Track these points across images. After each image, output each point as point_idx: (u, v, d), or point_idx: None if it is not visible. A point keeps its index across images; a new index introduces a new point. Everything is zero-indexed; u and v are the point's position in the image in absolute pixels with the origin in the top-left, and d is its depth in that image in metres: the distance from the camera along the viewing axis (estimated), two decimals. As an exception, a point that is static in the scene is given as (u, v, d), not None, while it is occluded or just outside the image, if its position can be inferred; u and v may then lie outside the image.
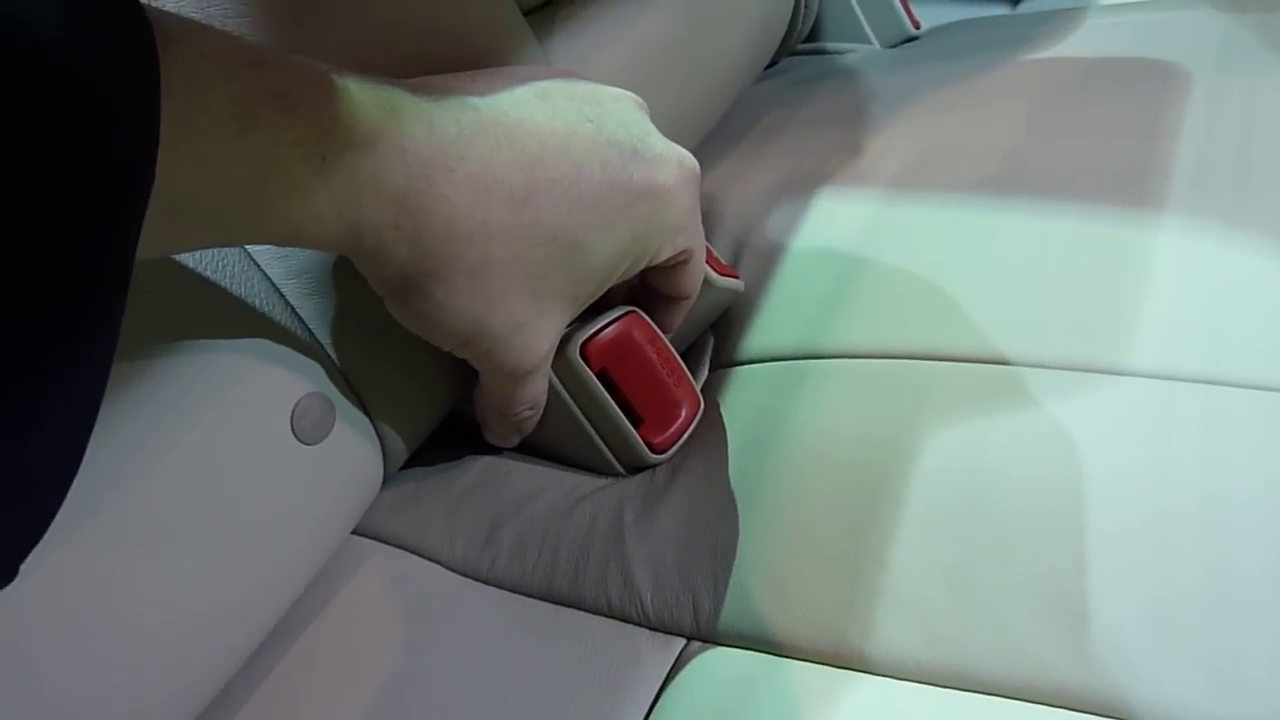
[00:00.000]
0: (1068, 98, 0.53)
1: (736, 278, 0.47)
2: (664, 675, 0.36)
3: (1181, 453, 0.34)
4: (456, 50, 0.40)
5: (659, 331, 0.43)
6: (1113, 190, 0.45)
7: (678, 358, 0.44)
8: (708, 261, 0.45)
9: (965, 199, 0.48)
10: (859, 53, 0.72)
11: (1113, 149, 0.48)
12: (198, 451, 0.35)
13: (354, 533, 0.46)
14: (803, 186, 0.54)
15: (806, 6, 0.66)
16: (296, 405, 0.37)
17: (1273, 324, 0.37)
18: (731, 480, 0.41)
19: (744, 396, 0.44)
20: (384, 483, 0.44)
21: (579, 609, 0.40)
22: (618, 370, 0.42)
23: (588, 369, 0.41)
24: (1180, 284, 0.39)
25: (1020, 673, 0.31)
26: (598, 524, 0.42)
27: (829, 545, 0.36)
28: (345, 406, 0.39)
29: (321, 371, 0.38)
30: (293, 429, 0.37)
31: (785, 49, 0.69)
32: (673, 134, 0.54)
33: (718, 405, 0.44)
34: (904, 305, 0.43)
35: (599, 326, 0.41)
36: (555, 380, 0.42)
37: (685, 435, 0.43)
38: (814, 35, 0.73)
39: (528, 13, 0.44)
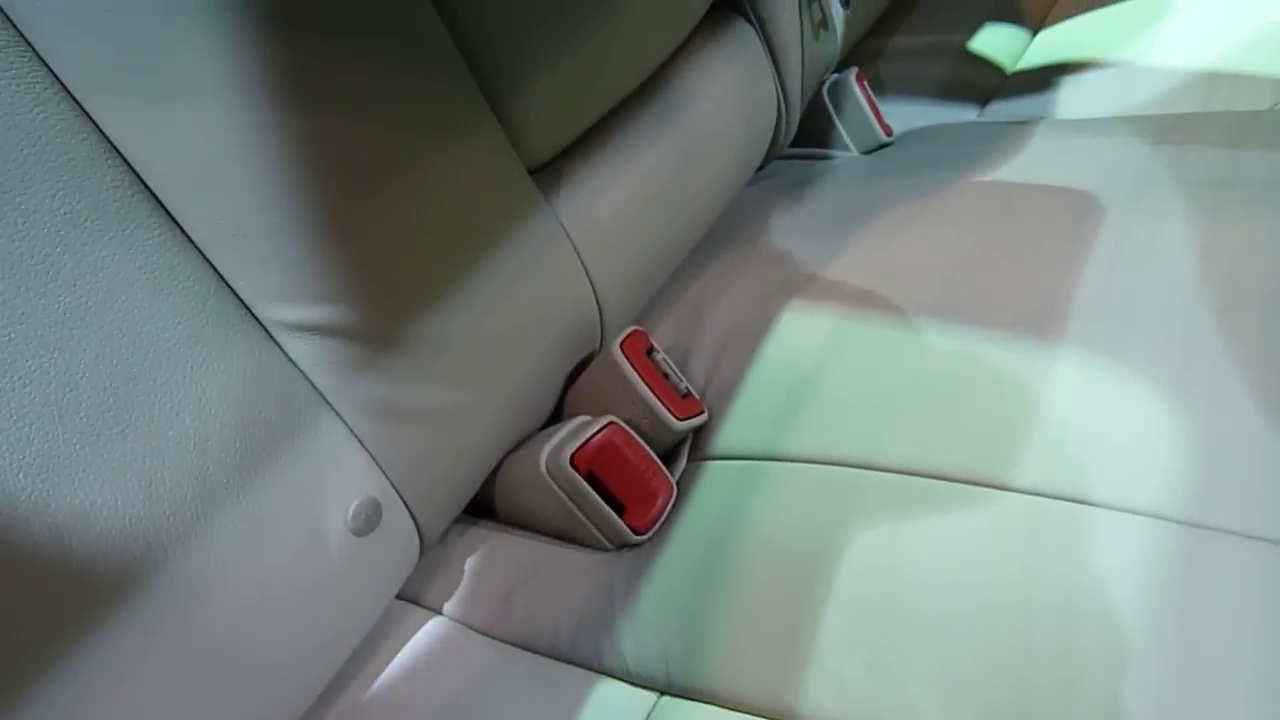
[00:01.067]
0: (1001, 224, 0.62)
1: (699, 413, 0.57)
2: (639, 725, 0.46)
3: (1042, 563, 0.43)
4: (469, 213, 0.50)
5: (635, 437, 0.54)
6: (1024, 320, 0.54)
7: (653, 456, 0.54)
8: (670, 404, 0.55)
9: (906, 320, 0.57)
10: (837, 160, 0.81)
11: (1029, 280, 0.57)
12: (276, 546, 0.45)
13: (398, 596, 0.56)
14: (777, 297, 0.64)
15: (787, 123, 0.75)
16: (352, 508, 0.47)
17: (1131, 452, 0.46)
18: (698, 562, 0.51)
19: (712, 489, 0.54)
20: (421, 555, 0.54)
21: (575, 664, 0.50)
22: (603, 470, 0.53)
23: (577, 475, 0.52)
24: (1065, 408, 0.48)
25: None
26: (592, 594, 0.52)
27: (773, 622, 0.46)
28: (390, 504, 0.49)
29: (372, 479, 0.48)
30: (349, 526, 0.47)
31: (772, 156, 0.79)
32: (668, 255, 0.65)
33: (691, 495, 0.54)
34: (845, 417, 0.53)
35: (585, 438, 0.52)
36: (554, 485, 0.53)
37: (662, 517, 0.54)
38: (802, 139, 0.83)
39: (533, 172, 0.54)
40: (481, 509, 0.60)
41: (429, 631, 0.54)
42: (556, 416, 0.61)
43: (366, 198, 0.46)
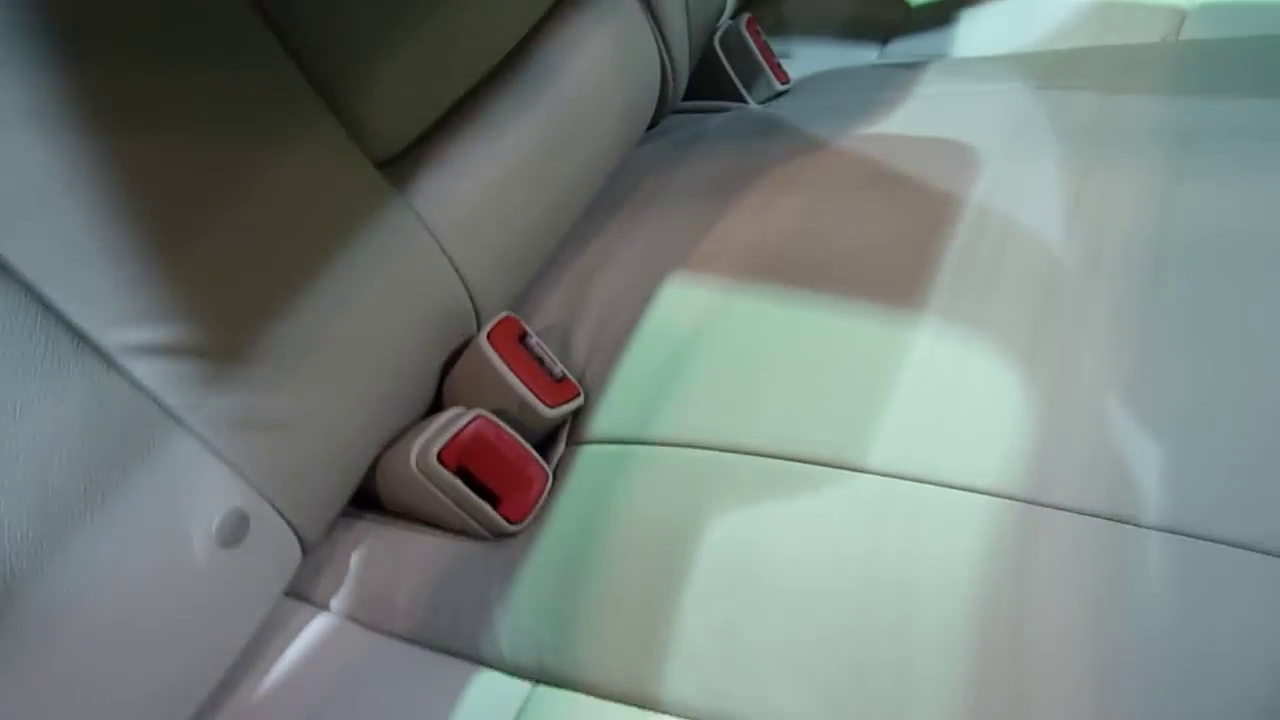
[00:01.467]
0: (881, 184, 0.62)
1: (574, 396, 0.57)
2: (515, 714, 0.47)
3: (885, 544, 0.44)
4: (312, 215, 0.49)
5: (505, 428, 0.54)
6: (891, 289, 0.54)
7: (525, 445, 0.55)
8: (540, 392, 0.55)
9: (780, 291, 0.57)
10: (731, 113, 0.80)
11: (901, 244, 0.57)
12: (135, 569, 0.45)
13: (286, 594, 0.57)
14: (659, 268, 0.63)
15: (674, 80, 0.74)
16: (216, 522, 0.47)
17: (977, 429, 0.46)
18: (570, 550, 0.51)
19: (586, 475, 0.54)
20: (305, 555, 0.54)
21: (454, 655, 0.51)
22: (474, 463, 0.53)
23: (446, 471, 0.52)
24: (919, 386, 0.49)
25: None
26: (471, 584, 0.53)
27: (635, 610, 0.47)
28: (260, 513, 0.49)
29: (236, 490, 0.48)
30: (214, 540, 0.47)
31: (663, 113, 0.77)
32: (544, 232, 0.64)
33: (566, 482, 0.55)
34: (714, 397, 0.53)
35: (453, 434, 0.52)
36: (426, 481, 0.53)
37: (537, 506, 0.54)
38: (698, 92, 0.81)
39: (385, 163, 0.53)
40: (369, 500, 0.60)
41: (316, 629, 0.55)
42: (438, 406, 0.61)
43: (197, 212, 0.45)
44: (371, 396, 0.54)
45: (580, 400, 0.58)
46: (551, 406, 0.56)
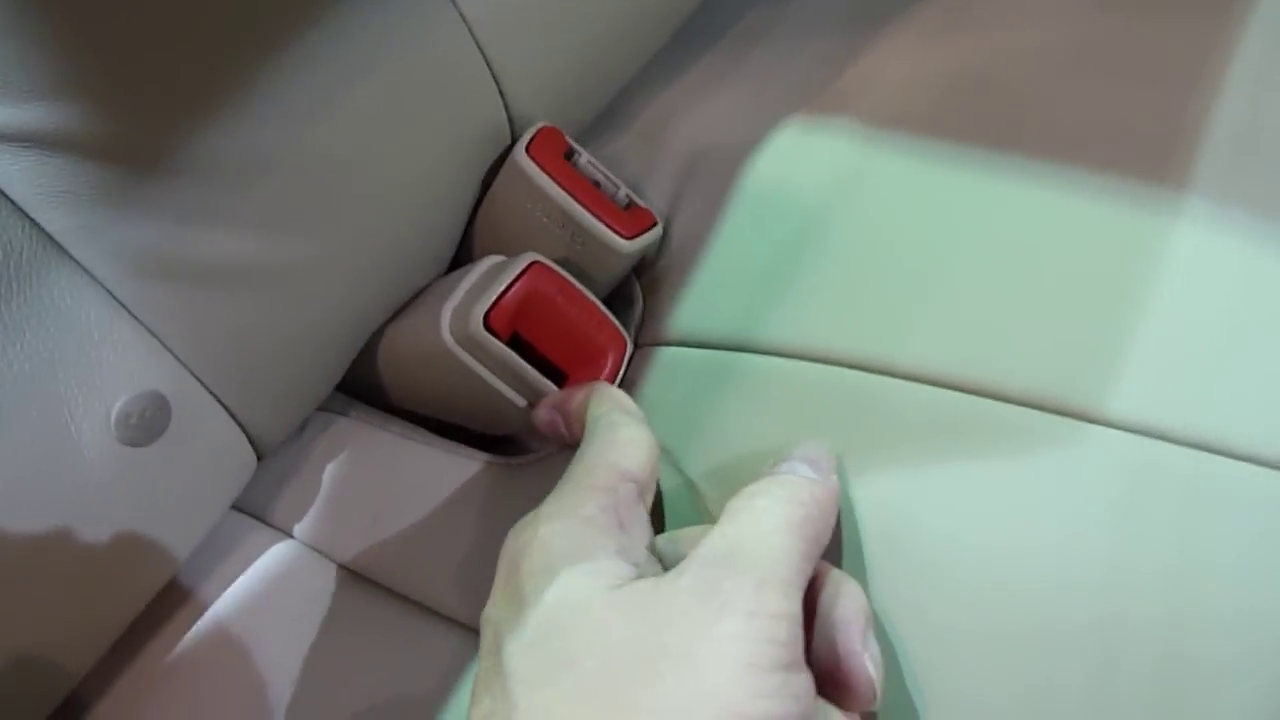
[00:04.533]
0: (1097, 19, 0.44)
1: (651, 225, 0.41)
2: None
3: (1149, 541, 0.28)
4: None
5: (568, 277, 0.38)
6: (1132, 156, 0.37)
7: (594, 300, 0.39)
8: (609, 219, 0.39)
9: (954, 152, 0.39)
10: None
11: (1143, 96, 0.39)
12: (11, 457, 0.30)
13: (238, 508, 0.42)
14: (771, 111, 0.46)
15: None
16: (117, 408, 0.32)
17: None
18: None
19: (663, 391, 0.38)
20: (260, 460, 0.39)
21: (452, 620, 0.37)
22: (531, 330, 0.38)
23: (496, 340, 0.37)
24: (1187, 304, 0.32)
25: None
26: (496, 523, 0.38)
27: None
28: (187, 399, 0.34)
29: (153, 367, 0.33)
30: (114, 433, 0.32)
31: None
32: (614, 52, 0.46)
33: (636, 397, 0.39)
34: (856, 294, 0.37)
35: (500, 290, 0.37)
36: (466, 356, 0.37)
37: (617, 380, 0.39)
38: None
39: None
40: (362, 387, 0.44)
41: (275, 556, 0.40)
42: (464, 261, 0.44)
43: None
44: (367, 238, 0.38)
45: (659, 230, 0.41)
46: (628, 237, 0.39)
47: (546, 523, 0.27)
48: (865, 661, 0.26)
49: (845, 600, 0.27)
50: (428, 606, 0.37)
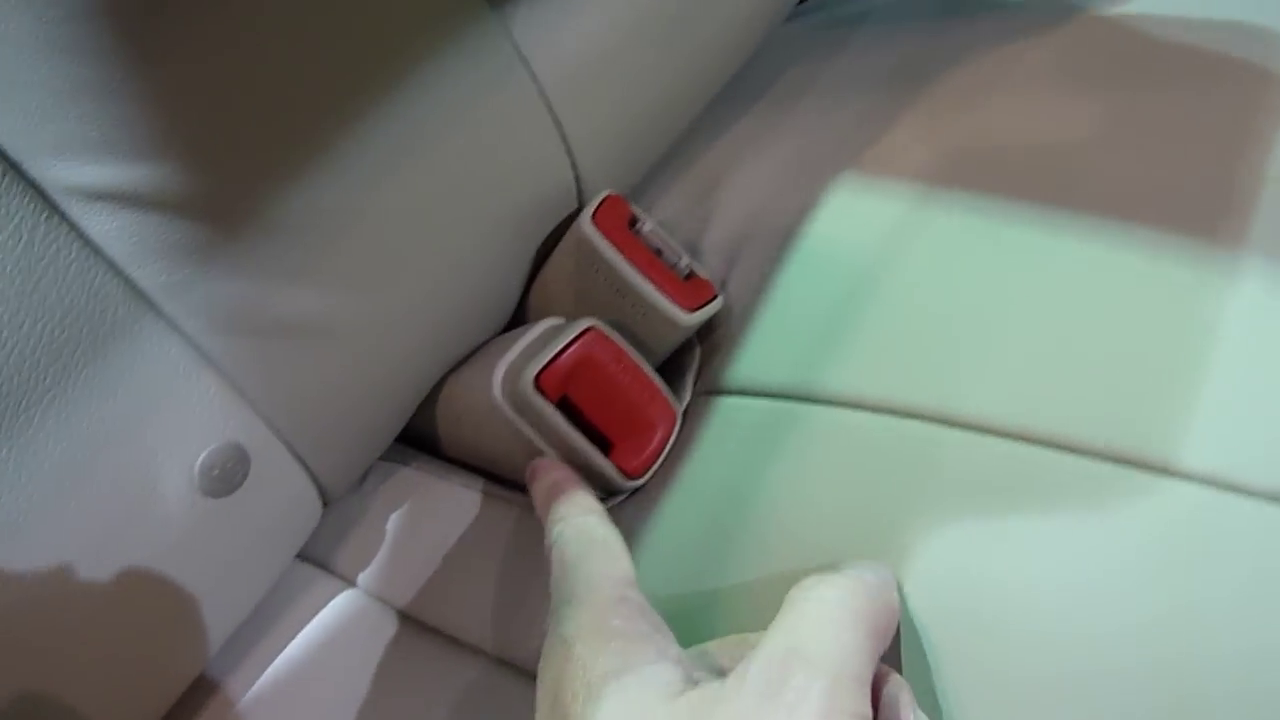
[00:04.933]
0: (1143, 78, 0.45)
1: (712, 298, 0.41)
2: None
3: (1223, 588, 0.28)
4: (377, 28, 0.33)
5: (624, 345, 0.38)
6: (1185, 213, 0.37)
7: (648, 370, 0.39)
8: (670, 291, 0.40)
9: (1007, 210, 0.40)
10: (908, -12, 0.62)
11: (1191, 159, 0.40)
12: (98, 509, 0.31)
13: (302, 557, 0.42)
14: (819, 170, 0.47)
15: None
16: (201, 460, 0.32)
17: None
18: (698, 543, 0.36)
19: (722, 439, 0.38)
20: (325, 509, 0.40)
21: (520, 669, 0.37)
22: (581, 395, 0.38)
23: (546, 402, 0.37)
24: (1251, 357, 0.32)
25: None
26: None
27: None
28: (265, 450, 0.35)
29: (235, 419, 0.33)
30: (197, 485, 0.32)
31: (819, -17, 0.60)
32: (669, 105, 0.47)
33: (696, 441, 0.39)
34: (918, 344, 0.37)
35: (555, 352, 0.37)
36: (514, 415, 0.38)
37: (662, 456, 0.39)
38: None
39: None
40: (420, 439, 0.45)
41: (339, 609, 0.40)
42: (519, 320, 0.45)
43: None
44: (435, 295, 0.39)
45: (720, 303, 0.42)
46: (689, 310, 0.40)
47: (579, 643, 0.25)
48: None
49: (905, 695, 0.26)
50: (495, 655, 0.37)
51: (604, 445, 0.38)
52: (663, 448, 0.39)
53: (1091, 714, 0.28)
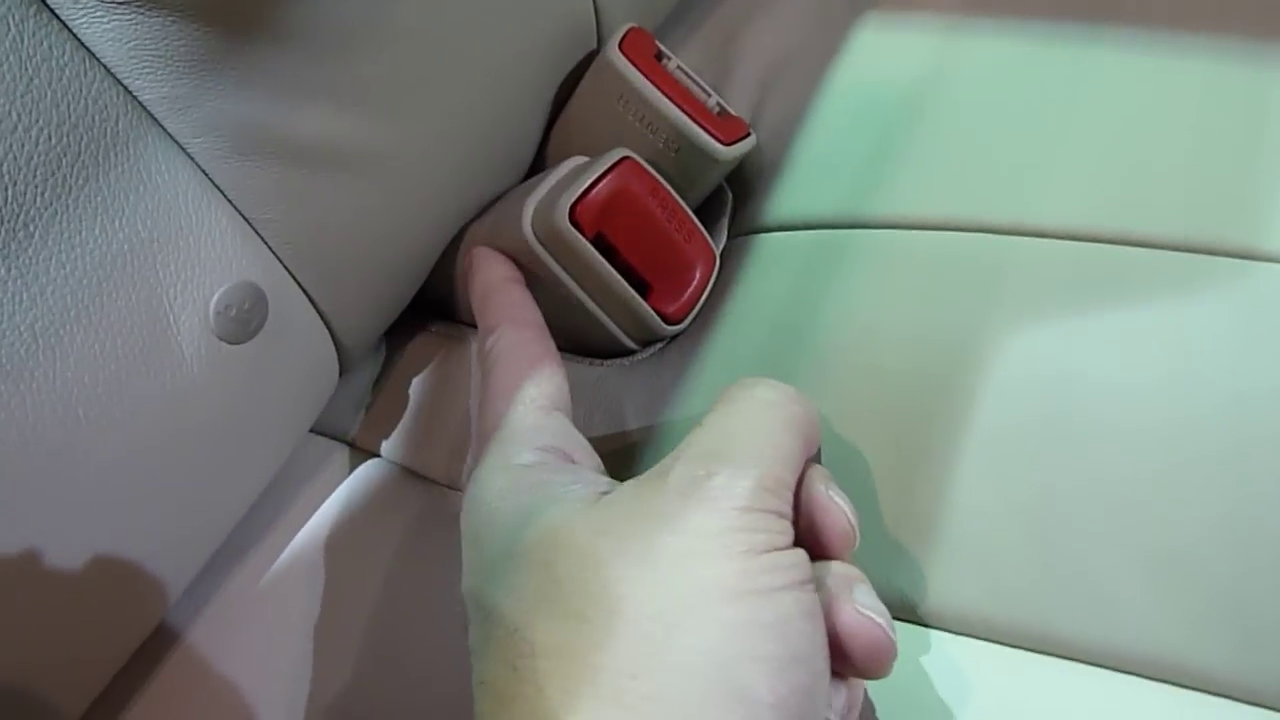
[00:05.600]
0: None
1: (746, 134, 0.39)
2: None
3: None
4: None
5: (660, 179, 0.36)
6: (1245, 16, 0.36)
7: (685, 208, 0.37)
8: (705, 122, 0.37)
9: (1050, 32, 0.38)
10: None
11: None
12: (106, 344, 0.28)
13: (317, 431, 0.40)
14: (840, 13, 0.44)
15: None
16: (215, 299, 0.30)
17: None
18: (756, 371, 0.34)
19: (769, 273, 0.36)
20: (342, 374, 0.37)
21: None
22: (616, 232, 0.35)
23: (581, 237, 0.34)
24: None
25: (1116, 640, 0.25)
26: (598, 423, 0.36)
27: (874, 473, 0.30)
28: (282, 294, 0.32)
29: (250, 257, 0.31)
30: (212, 327, 0.30)
31: None
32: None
33: (736, 282, 0.37)
34: (974, 161, 0.35)
35: (589, 183, 0.34)
36: (545, 254, 0.35)
37: (702, 299, 0.37)
38: None
39: None
40: (433, 305, 0.42)
41: (365, 476, 0.38)
42: (538, 171, 0.42)
43: None
44: (455, 127, 0.36)
45: (753, 140, 0.39)
46: (726, 143, 0.37)
47: (487, 482, 0.25)
48: (837, 506, 0.24)
49: (820, 480, 0.24)
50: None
51: (641, 289, 0.36)
52: (703, 290, 0.37)
53: (1190, 501, 0.26)
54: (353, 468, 0.38)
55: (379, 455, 0.38)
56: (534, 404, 0.27)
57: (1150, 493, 0.27)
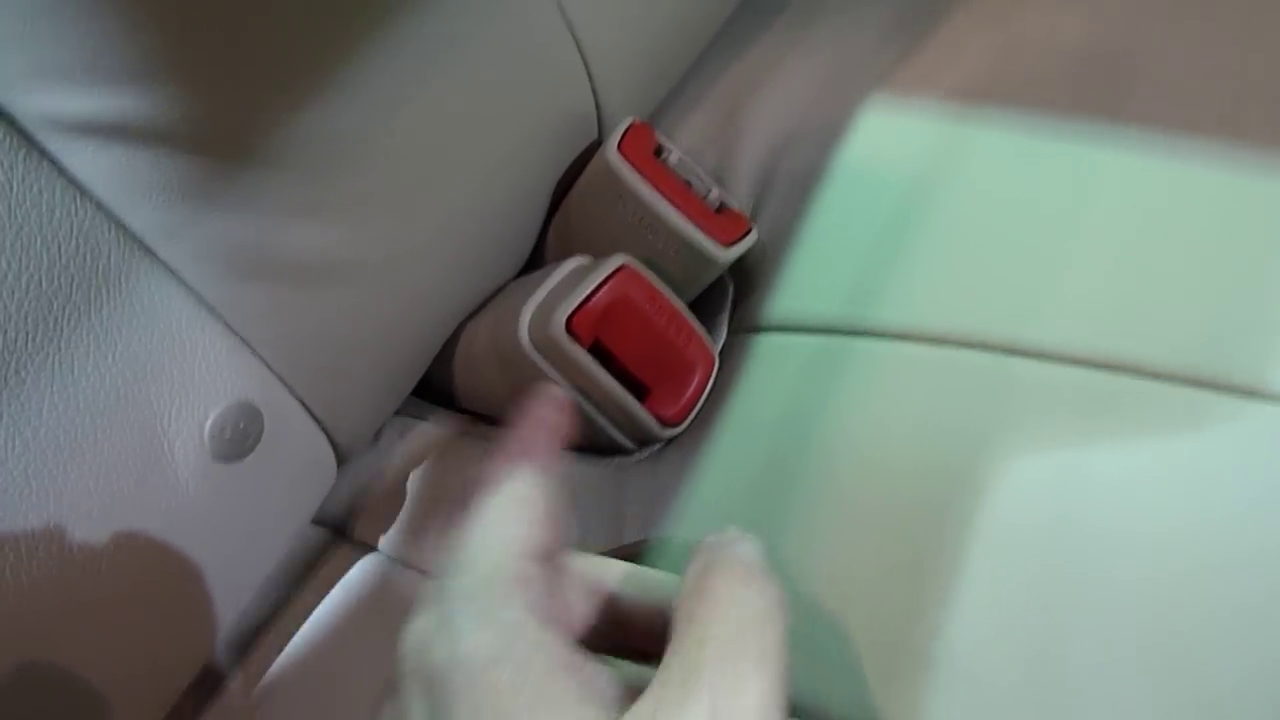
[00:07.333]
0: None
1: (746, 232, 0.38)
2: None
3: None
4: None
5: (658, 284, 0.36)
6: (1261, 121, 0.35)
7: (684, 310, 0.37)
8: (703, 223, 0.37)
9: (1057, 126, 0.38)
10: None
11: (1264, 57, 0.37)
12: (101, 479, 0.28)
13: (317, 522, 0.40)
14: (846, 91, 0.44)
15: None
16: (210, 422, 0.30)
17: None
18: (752, 485, 0.34)
19: (768, 377, 0.36)
20: (340, 468, 0.37)
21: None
22: (614, 339, 0.35)
23: (577, 346, 0.34)
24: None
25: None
26: (597, 523, 0.36)
27: (870, 595, 0.30)
28: (278, 408, 0.32)
29: (245, 374, 0.31)
30: (208, 449, 0.30)
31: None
32: (690, 27, 0.44)
33: (736, 383, 0.37)
34: (976, 270, 0.35)
35: (587, 293, 0.34)
36: (542, 361, 0.35)
37: (701, 401, 0.37)
38: None
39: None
40: (434, 392, 0.42)
41: (364, 571, 0.38)
42: (536, 264, 0.42)
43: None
44: (452, 230, 0.36)
45: (754, 237, 0.39)
46: (725, 244, 0.37)
47: (469, 637, 0.19)
48: None
49: None
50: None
51: (639, 392, 0.36)
52: (702, 391, 0.36)
53: (1201, 663, 0.26)
54: (351, 562, 0.38)
55: (376, 549, 0.38)
56: (523, 548, 0.24)
57: (1160, 650, 0.26)
